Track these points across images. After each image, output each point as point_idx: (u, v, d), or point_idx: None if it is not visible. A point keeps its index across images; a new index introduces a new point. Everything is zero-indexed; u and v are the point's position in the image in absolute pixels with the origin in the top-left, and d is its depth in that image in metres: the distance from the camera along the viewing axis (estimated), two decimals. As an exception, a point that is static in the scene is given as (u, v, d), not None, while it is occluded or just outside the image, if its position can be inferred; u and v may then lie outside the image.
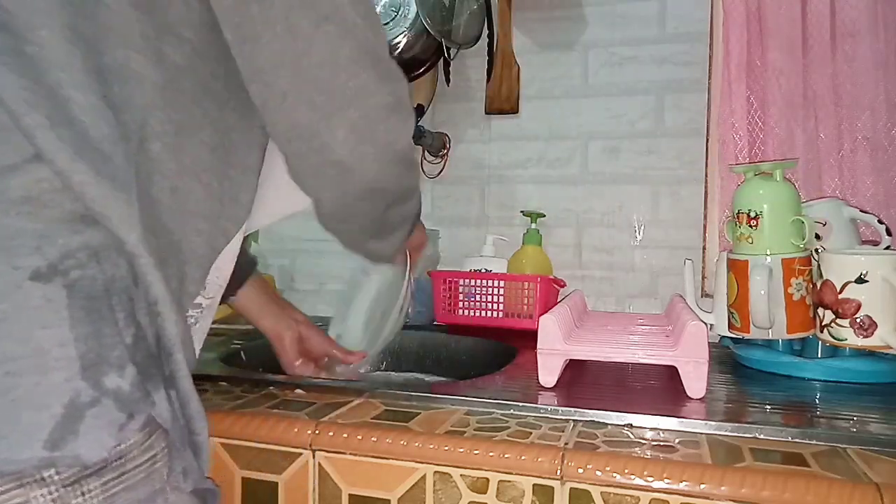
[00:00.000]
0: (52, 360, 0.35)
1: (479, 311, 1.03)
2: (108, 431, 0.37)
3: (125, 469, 0.38)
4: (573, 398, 0.63)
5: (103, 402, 0.37)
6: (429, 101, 1.15)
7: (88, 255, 0.38)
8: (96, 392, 0.36)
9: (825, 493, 0.45)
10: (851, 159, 0.94)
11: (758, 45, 0.97)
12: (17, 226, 0.36)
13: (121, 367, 0.38)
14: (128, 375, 0.38)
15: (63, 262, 0.37)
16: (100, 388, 0.37)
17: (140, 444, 0.38)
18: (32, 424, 0.35)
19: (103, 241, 0.38)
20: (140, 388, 0.38)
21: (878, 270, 0.68)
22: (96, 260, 0.38)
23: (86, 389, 0.36)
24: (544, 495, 0.50)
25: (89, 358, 0.36)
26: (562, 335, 0.68)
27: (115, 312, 0.38)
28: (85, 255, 0.38)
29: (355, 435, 0.55)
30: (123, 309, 0.39)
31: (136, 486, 0.38)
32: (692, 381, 0.64)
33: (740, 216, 0.77)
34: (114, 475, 0.37)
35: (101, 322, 0.37)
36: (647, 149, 1.09)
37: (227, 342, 0.92)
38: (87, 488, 0.36)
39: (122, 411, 0.37)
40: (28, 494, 0.34)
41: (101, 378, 0.37)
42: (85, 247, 0.38)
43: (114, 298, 0.38)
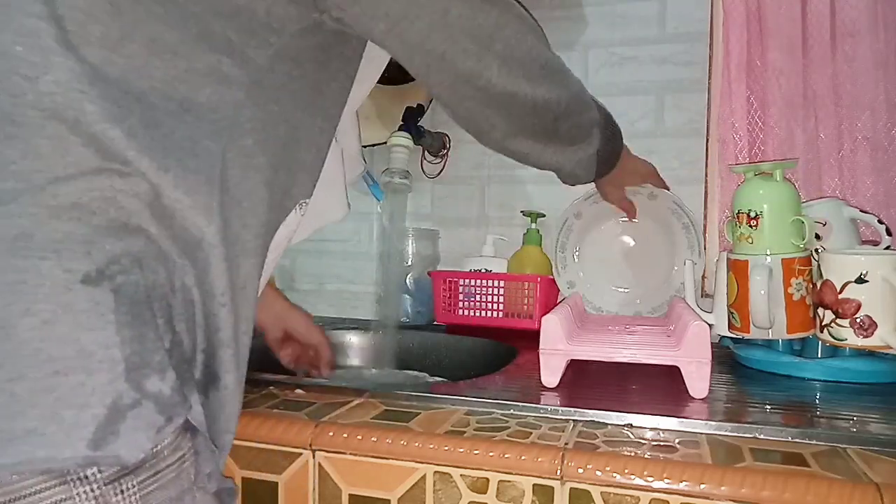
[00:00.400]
0: (96, 361, 0.36)
1: (479, 311, 1.03)
2: (147, 434, 0.37)
3: (158, 468, 0.38)
4: (573, 398, 0.63)
5: (144, 404, 0.37)
6: (429, 101, 1.15)
7: (131, 261, 0.39)
8: (137, 394, 0.37)
9: (825, 493, 0.45)
10: (851, 159, 0.94)
11: (758, 45, 0.97)
12: (67, 230, 0.37)
13: (162, 371, 0.39)
14: (168, 379, 0.39)
15: (109, 266, 0.38)
16: (141, 390, 0.37)
17: (171, 445, 0.39)
18: (75, 424, 0.35)
19: (143, 249, 0.39)
20: (179, 392, 0.39)
21: (878, 270, 0.68)
22: (139, 266, 0.39)
23: (128, 391, 0.37)
24: (544, 495, 0.50)
25: (133, 361, 0.37)
26: (564, 335, 0.68)
27: (156, 318, 0.39)
28: (129, 261, 0.39)
29: (355, 435, 0.55)
30: (163, 315, 0.40)
31: (168, 485, 0.39)
32: (695, 382, 0.64)
33: (740, 216, 0.77)
34: (149, 474, 0.38)
35: (145, 326, 0.38)
36: (647, 149, 1.08)
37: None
38: (126, 486, 0.37)
39: (162, 414, 0.38)
40: (71, 492, 0.35)
41: (142, 381, 0.37)
42: (127, 253, 0.39)
43: (155, 304, 0.39)
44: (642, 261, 0.99)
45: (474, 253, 1.11)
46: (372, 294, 1.23)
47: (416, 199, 1.20)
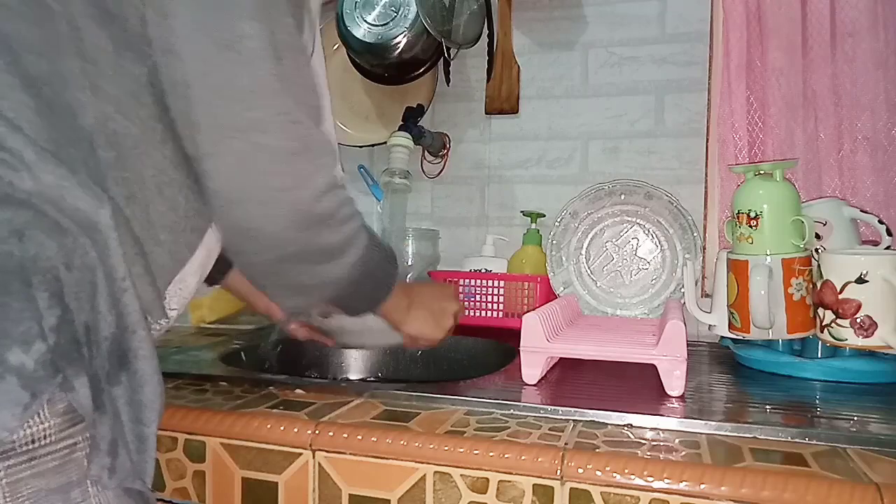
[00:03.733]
0: None
1: (479, 311, 1.03)
2: (11, 411, 0.35)
3: (35, 455, 0.36)
4: (573, 398, 0.63)
5: (6, 378, 0.35)
6: (429, 101, 1.15)
7: (9, 231, 0.37)
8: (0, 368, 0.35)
9: (825, 493, 0.45)
10: (851, 159, 0.94)
11: (758, 45, 0.97)
12: None
13: (26, 342, 0.36)
14: (34, 352, 0.36)
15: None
16: (2, 363, 0.35)
17: (58, 430, 0.37)
18: None
19: (30, 221, 0.38)
20: (46, 367, 0.37)
21: (879, 270, 0.68)
22: (17, 237, 0.37)
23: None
24: (544, 495, 0.50)
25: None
26: (544, 333, 0.68)
27: (34, 290, 0.37)
28: (5, 231, 0.37)
29: (355, 435, 0.55)
30: (47, 289, 0.38)
31: (47, 473, 0.37)
32: (670, 379, 0.65)
33: (740, 216, 0.77)
34: (21, 460, 0.36)
35: (9, 297, 0.36)
36: (647, 149, 1.09)
37: (227, 342, 0.91)
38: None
39: (26, 389, 0.36)
40: None
41: (4, 353, 0.35)
42: (6, 223, 0.37)
43: (35, 277, 0.37)
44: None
45: (474, 253, 1.11)
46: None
47: (416, 199, 1.20)
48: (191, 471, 0.59)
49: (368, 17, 1.02)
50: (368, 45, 1.02)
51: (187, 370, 0.72)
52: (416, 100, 1.14)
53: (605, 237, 1.01)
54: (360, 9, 1.02)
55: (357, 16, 1.02)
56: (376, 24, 1.01)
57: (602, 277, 1.01)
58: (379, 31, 1.01)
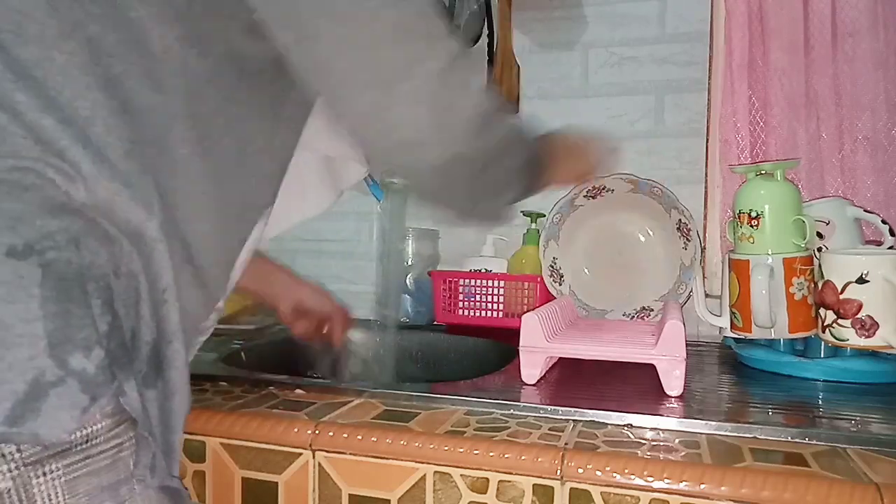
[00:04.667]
0: (15, 335, 0.35)
1: (479, 311, 1.03)
2: (70, 413, 0.36)
3: (89, 454, 0.37)
4: (573, 398, 0.63)
5: (68, 382, 0.36)
6: (429, 102, 1.15)
7: (67, 239, 0.38)
8: (62, 371, 0.36)
9: (825, 494, 0.45)
10: (852, 159, 0.94)
11: (759, 45, 0.97)
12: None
13: (87, 347, 0.37)
14: (94, 358, 0.38)
15: (40, 242, 0.37)
16: (65, 367, 0.36)
17: (107, 431, 0.38)
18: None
19: (84, 229, 0.39)
20: (105, 372, 0.38)
21: (879, 270, 0.68)
22: (75, 245, 0.38)
23: (51, 368, 0.36)
24: (544, 495, 0.50)
25: (56, 336, 0.36)
26: (544, 333, 0.68)
27: (90, 297, 0.38)
28: (63, 239, 0.38)
29: (355, 435, 0.55)
30: (100, 296, 0.39)
31: (100, 472, 0.38)
32: (669, 379, 0.65)
33: (741, 216, 0.77)
34: (77, 458, 0.37)
35: (72, 303, 0.37)
36: (647, 149, 1.09)
37: (227, 342, 0.91)
38: (49, 469, 0.36)
39: (86, 393, 0.37)
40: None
41: (66, 357, 0.36)
42: (64, 231, 0.38)
43: (90, 284, 0.38)
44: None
45: (474, 253, 1.11)
46: (372, 294, 1.23)
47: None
48: (191, 471, 0.59)
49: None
50: (369, 45, 1.02)
51: (187, 370, 0.72)
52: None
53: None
54: (360, 9, 1.02)
55: (357, 16, 1.02)
56: (376, 24, 1.01)
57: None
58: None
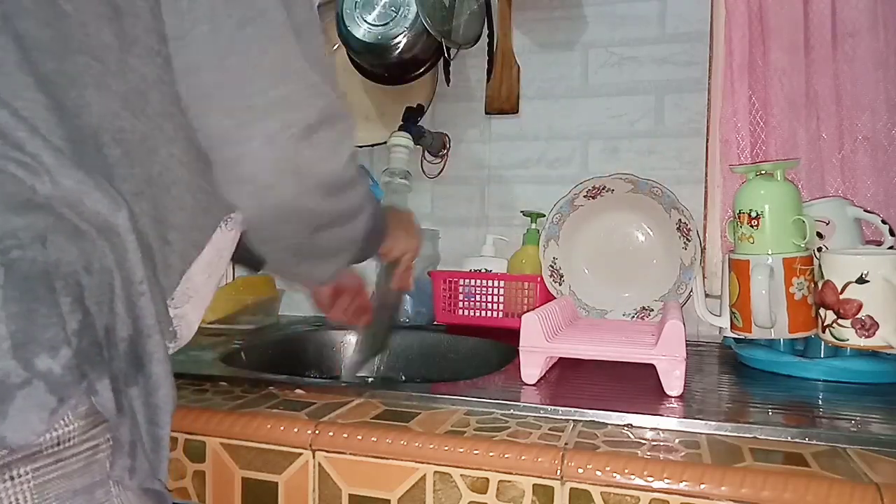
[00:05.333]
0: None
1: (479, 311, 1.03)
2: (38, 415, 0.35)
3: (61, 457, 0.37)
4: (573, 398, 0.63)
5: (34, 383, 0.35)
6: (429, 101, 1.15)
7: (32, 237, 0.37)
8: (27, 372, 0.35)
9: (825, 494, 0.45)
10: (852, 159, 0.94)
11: (759, 45, 0.97)
12: None
13: (54, 348, 0.37)
14: (61, 358, 0.37)
15: (2, 241, 0.36)
16: (30, 368, 0.35)
17: (81, 433, 0.37)
18: None
19: (51, 225, 0.38)
20: (73, 372, 0.37)
21: (879, 270, 0.68)
22: (41, 243, 0.37)
23: (16, 369, 0.35)
24: (544, 495, 0.50)
25: (19, 337, 0.35)
26: (544, 333, 0.68)
27: (58, 295, 0.37)
28: (28, 237, 0.37)
29: (355, 435, 0.55)
30: (69, 294, 0.38)
31: (73, 475, 0.37)
32: (669, 379, 0.65)
33: (741, 216, 0.77)
34: (48, 462, 0.36)
35: (37, 302, 0.37)
36: (647, 149, 1.09)
37: (227, 342, 0.91)
38: (17, 473, 0.35)
39: (53, 394, 0.36)
40: None
41: (31, 358, 0.36)
42: (28, 228, 0.37)
43: (58, 282, 0.38)
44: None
45: (474, 253, 1.11)
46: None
47: (416, 199, 1.19)
48: (191, 471, 0.59)
49: (368, 17, 1.02)
50: (368, 45, 1.02)
51: (187, 370, 0.72)
52: (416, 100, 1.14)
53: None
54: (360, 9, 1.02)
55: (357, 16, 1.02)
56: (376, 24, 1.01)
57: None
58: (379, 31, 1.01)
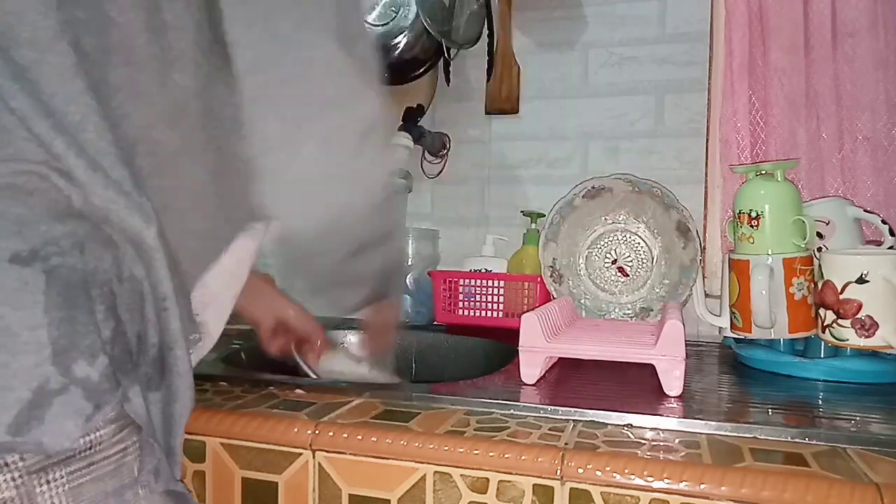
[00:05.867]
0: (21, 342, 0.35)
1: (479, 311, 1.03)
2: (75, 421, 0.36)
3: (93, 460, 0.37)
4: (573, 398, 0.63)
5: (71, 389, 0.36)
6: (429, 101, 1.15)
7: (72, 244, 0.38)
8: (66, 379, 0.36)
9: (825, 494, 0.45)
10: (852, 159, 0.94)
11: (759, 45, 0.97)
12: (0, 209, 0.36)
13: (92, 355, 0.37)
14: (98, 365, 0.37)
15: (45, 248, 0.37)
16: (69, 375, 0.36)
17: (111, 437, 0.38)
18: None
19: (89, 234, 0.39)
20: (110, 380, 0.38)
21: (879, 270, 0.68)
22: (79, 250, 0.38)
23: (55, 375, 0.36)
24: (544, 495, 0.50)
25: (60, 343, 0.36)
26: (543, 333, 0.69)
27: (94, 303, 0.38)
28: (68, 244, 0.38)
29: (355, 435, 0.55)
30: (104, 302, 0.39)
31: (104, 478, 0.38)
32: (669, 379, 0.65)
33: (741, 216, 0.77)
34: (81, 465, 0.37)
35: (77, 310, 0.37)
36: (647, 149, 1.09)
37: (227, 342, 0.91)
38: (53, 476, 0.35)
39: (89, 401, 0.37)
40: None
41: (70, 365, 0.36)
42: (69, 236, 0.38)
43: (94, 290, 0.38)
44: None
45: (474, 253, 1.11)
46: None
47: (416, 199, 1.20)
48: (191, 471, 0.59)
49: (368, 17, 1.02)
50: (368, 46, 1.02)
51: (187, 370, 0.72)
52: (416, 100, 1.14)
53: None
54: (360, 9, 1.02)
55: (357, 16, 1.02)
56: (376, 24, 1.01)
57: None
58: (379, 32, 1.01)
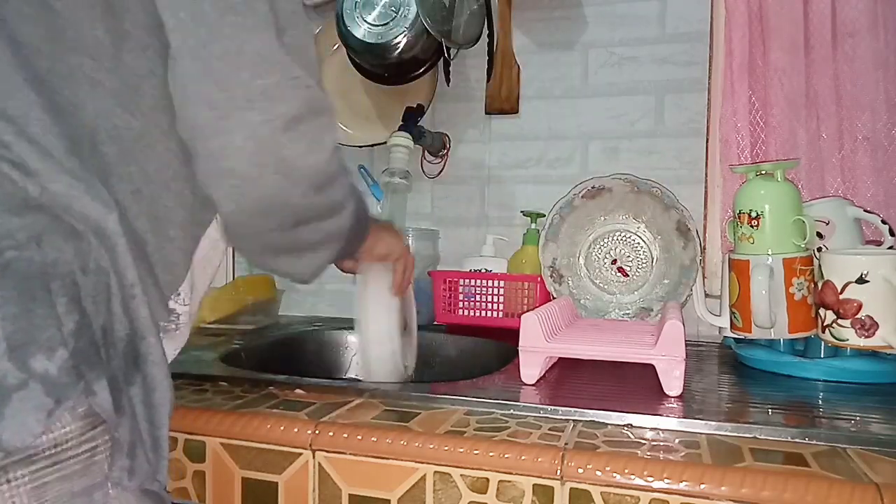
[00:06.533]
0: None
1: (479, 311, 1.03)
2: (35, 417, 0.35)
3: (59, 458, 0.37)
4: (573, 398, 0.63)
5: (30, 385, 0.35)
6: (429, 101, 1.15)
7: (28, 237, 0.37)
8: (24, 374, 0.35)
9: (825, 494, 0.45)
10: (851, 159, 0.94)
11: (759, 45, 0.97)
12: None
13: (50, 349, 0.37)
14: (57, 359, 0.37)
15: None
16: (27, 370, 0.36)
17: (79, 434, 0.37)
18: None
19: (47, 226, 0.38)
20: (71, 373, 0.37)
21: (879, 270, 0.68)
22: (36, 243, 0.37)
23: (12, 371, 0.35)
24: (544, 495, 0.50)
25: (16, 338, 0.35)
26: (543, 333, 0.68)
27: (54, 296, 0.37)
28: (24, 237, 0.37)
29: (355, 435, 0.55)
30: (66, 294, 0.38)
31: (72, 476, 0.37)
32: (669, 379, 0.65)
33: (741, 216, 0.77)
34: (46, 464, 0.36)
35: (34, 303, 0.37)
36: (647, 149, 1.09)
37: (227, 342, 0.91)
38: (15, 475, 0.35)
39: (50, 396, 0.36)
40: None
41: (27, 360, 0.36)
42: (25, 229, 0.37)
43: (54, 282, 0.38)
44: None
45: (474, 253, 1.11)
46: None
47: (416, 199, 1.20)
48: (191, 471, 0.59)
49: (368, 17, 1.02)
50: (368, 45, 1.02)
51: (187, 370, 0.72)
52: (416, 100, 1.14)
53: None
54: (360, 9, 1.02)
55: (357, 16, 1.02)
56: (376, 24, 1.01)
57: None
58: (379, 31, 1.01)
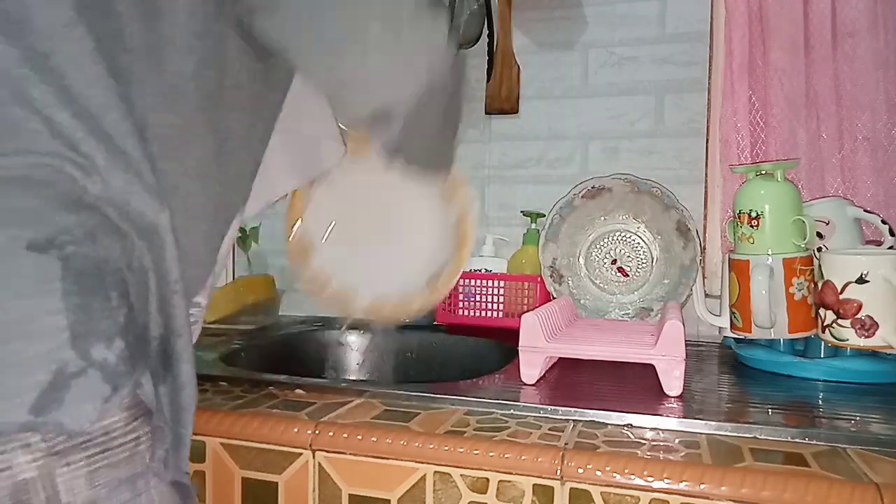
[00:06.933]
0: (38, 328, 0.36)
1: (479, 311, 1.03)
2: (93, 403, 0.37)
3: (109, 446, 0.38)
4: (573, 398, 0.63)
5: (89, 372, 0.37)
6: (429, 102, 1.15)
7: (84, 233, 0.39)
8: (84, 362, 0.37)
9: (825, 494, 0.45)
10: (851, 159, 0.94)
11: (759, 45, 0.97)
12: (15, 199, 0.37)
13: (109, 338, 0.38)
14: (115, 348, 0.38)
15: (59, 236, 0.38)
16: (87, 358, 0.37)
17: (125, 424, 0.39)
18: (17, 389, 0.35)
19: (98, 224, 0.40)
20: (126, 363, 0.39)
21: (879, 270, 0.68)
22: (91, 239, 0.39)
23: (74, 359, 0.37)
24: (544, 495, 0.50)
25: (78, 328, 0.37)
26: (543, 333, 0.68)
27: (108, 290, 0.39)
28: (81, 233, 0.39)
29: (355, 435, 0.55)
30: (116, 289, 0.40)
31: (119, 464, 0.38)
32: (669, 379, 0.65)
33: (741, 216, 0.77)
34: (98, 451, 0.37)
35: (92, 296, 0.38)
36: (647, 149, 1.09)
37: (227, 342, 0.91)
38: (73, 459, 0.36)
39: (108, 383, 0.38)
40: (12, 460, 0.35)
41: (88, 348, 0.37)
42: (80, 226, 0.39)
43: (107, 277, 0.39)
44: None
45: (474, 253, 1.11)
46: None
47: (417, 199, 1.19)
48: (191, 471, 0.59)
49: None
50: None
51: (187, 370, 0.72)
52: (416, 100, 1.13)
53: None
54: (360, 9, 1.02)
55: (357, 16, 1.02)
56: (376, 25, 1.01)
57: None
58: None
